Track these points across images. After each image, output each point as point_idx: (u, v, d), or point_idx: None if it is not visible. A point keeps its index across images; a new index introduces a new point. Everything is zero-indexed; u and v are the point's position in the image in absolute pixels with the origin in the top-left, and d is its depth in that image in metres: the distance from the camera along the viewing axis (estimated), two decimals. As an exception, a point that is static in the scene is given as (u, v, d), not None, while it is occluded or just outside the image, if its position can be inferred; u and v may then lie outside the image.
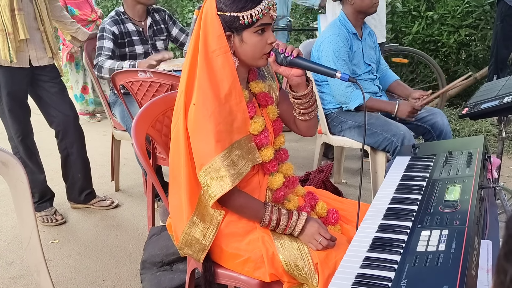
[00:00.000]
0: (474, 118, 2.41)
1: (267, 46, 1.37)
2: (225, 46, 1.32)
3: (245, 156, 1.35)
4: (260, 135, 1.41)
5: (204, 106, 1.30)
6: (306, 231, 1.35)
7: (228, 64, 1.33)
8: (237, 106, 1.34)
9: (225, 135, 1.31)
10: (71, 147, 2.90)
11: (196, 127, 1.32)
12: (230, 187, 1.29)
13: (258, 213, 1.36)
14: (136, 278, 2.27)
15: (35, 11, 2.66)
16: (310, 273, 1.31)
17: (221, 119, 1.30)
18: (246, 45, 1.35)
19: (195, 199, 1.39)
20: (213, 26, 1.32)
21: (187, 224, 1.39)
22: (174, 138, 1.42)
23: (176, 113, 1.40)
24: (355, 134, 2.56)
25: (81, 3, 4.41)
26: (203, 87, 1.31)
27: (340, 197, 1.70)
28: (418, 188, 1.40)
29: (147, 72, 2.41)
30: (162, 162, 2.58)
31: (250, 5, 1.30)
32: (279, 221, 1.35)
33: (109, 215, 2.98)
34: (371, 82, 2.61)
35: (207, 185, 1.31)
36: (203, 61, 1.32)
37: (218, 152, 1.29)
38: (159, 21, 2.95)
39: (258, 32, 1.34)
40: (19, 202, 1.24)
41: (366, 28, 2.67)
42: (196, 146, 1.33)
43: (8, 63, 2.59)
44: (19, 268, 2.42)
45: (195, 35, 1.34)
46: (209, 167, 1.30)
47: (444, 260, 0.99)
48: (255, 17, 1.30)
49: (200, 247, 1.41)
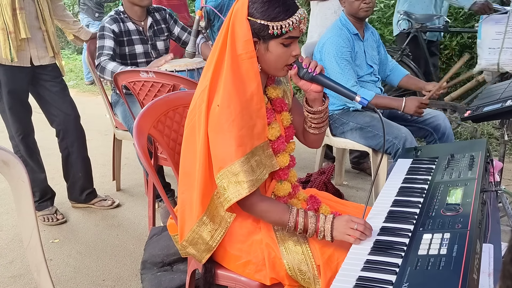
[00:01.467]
0: (476, 121, 2.41)
1: (291, 58, 1.36)
2: (251, 51, 1.31)
3: (264, 162, 1.34)
4: (277, 140, 1.41)
5: (229, 109, 1.28)
6: (336, 226, 1.28)
7: (253, 69, 1.32)
8: (258, 112, 1.33)
9: (247, 140, 1.30)
10: (72, 146, 2.90)
11: (218, 129, 1.29)
12: (246, 193, 1.27)
13: (283, 217, 1.32)
14: (136, 278, 2.27)
15: (37, 10, 2.66)
16: (313, 278, 1.31)
17: (243, 124, 1.29)
18: (271, 54, 1.34)
19: (207, 199, 1.37)
20: (241, 30, 1.31)
21: (196, 223, 1.38)
22: (189, 135, 1.40)
23: (194, 110, 1.38)
24: (356, 136, 2.56)
25: (177, 6, 4.06)
26: (229, 90, 1.29)
27: (341, 199, 1.70)
28: (420, 191, 1.40)
29: (149, 72, 2.41)
30: (164, 162, 2.58)
31: (282, 17, 1.29)
32: (307, 224, 1.30)
33: (110, 214, 2.97)
34: (373, 84, 2.61)
35: (223, 188, 1.30)
36: (230, 62, 1.30)
37: (238, 157, 1.27)
38: (159, 20, 2.95)
39: (285, 44, 1.33)
40: (19, 201, 1.24)
41: (368, 28, 2.66)
42: (216, 148, 1.31)
43: (9, 62, 2.59)
44: (19, 267, 2.42)
45: (223, 34, 1.33)
46: (228, 171, 1.28)
47: (446, 263, 0.99)
48: (285, 29, 1.29)
49: (206, 247, 1.40)
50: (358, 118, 2.55)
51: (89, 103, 5.67)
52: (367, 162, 3.35)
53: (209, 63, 1.36)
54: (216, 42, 1.35)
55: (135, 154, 3.20)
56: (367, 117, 2.51)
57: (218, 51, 1.32)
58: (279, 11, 1.29)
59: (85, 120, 3.00)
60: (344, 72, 2.44)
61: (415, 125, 2.55)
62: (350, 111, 2.58)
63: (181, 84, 2.36)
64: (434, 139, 2.54)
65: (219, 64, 1.32)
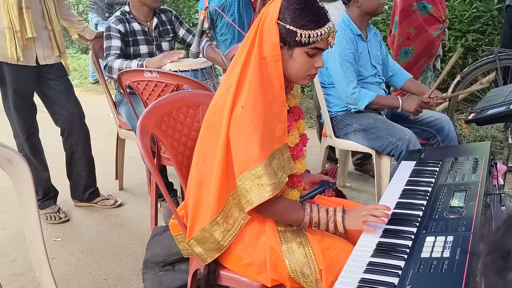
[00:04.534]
0: (480, 124, 2.40)
1: (313, 69, 1.36)
2: (277, 55, 1.31)
3: (283, 165, 1.34)
4: (295, 147, 1.42)
5: (254, 111, 1.28)
6: (348, 216, 1.31)
7: (277, 72, 1.32)
8: (279, 115, 1.33)
9: (269, 143, 1.30)
10: (76, 145, 2.90)
11: (241, 131, 1.29)
12: (269, 196, 1.27)
13: (299, 215, 1.34)
14: (138, 277, 2.27)
15: (43, 10, 2.67)
16: (316, 281, 1.30)
17: (265, 127, 1.29)
18: (294, 61, 1.34)
19: (223, 200, 1.37)
20: (269, 32, 1.30)
21: (208, 223, 1.38)
22: (207, 133, 1.40)
23: (214, 108, 1.38)
24: (360, 137, 2.55)
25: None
26: (254, 92, 1.29)
27: (345, 199, 1.69)
28: (423, 194, 1.40)
29: (153, 72, 2.41)
30: (167, 162, 2.58)
31: (312, 26, 1.29)
32: (320, 219, 1.33)
33: (112, 213, 2.98)
34: (378, 86, 2.60)
35: (246, 190, 1.29)
36: (256, 64, 1.30)
37: (261, 160, 1.27)
38: (165, 21, 2.95)
39: (309, 53, 1.33)
40: (23, 200, 1.24)
41: (371, 29, 2.66)
42: (238, 150, 1.30)
43: (15, 61, 2.60)
44: (22, 265, 2.42)
45: (252, 35, 1.33)
46: (251, 173, 1.27)
47: (449, 266, 0.98)
48: (313, 38, 1.29)
49: (216, 247, 1.40)
50: (362, 119, 2.54)
51: (92, 102, 5.67)
52: (370, 164, 3.34)
53: (235, 62, 1.36)
54: (245, 41, 1.35)
55: (138, 153, 3.21)
56: (370, 119, 2.50)
57: (246, 51, 1.32)
58: (309, 20, 1.29)
59: (89, 119, 3.01)
60: (346, 74, 2.44)
61: (418, 127, 2.54)
62: (354, 113, 2.58)
63: (184, 84, 2.36)
64: (438, 142, 2.53)
65: (246, 65, 1.32)
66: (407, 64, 3.22)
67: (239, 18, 3.52)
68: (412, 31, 3.16)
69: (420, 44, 3.21)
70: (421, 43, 3.20)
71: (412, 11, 3.14)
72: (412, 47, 3.20)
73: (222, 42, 3.65)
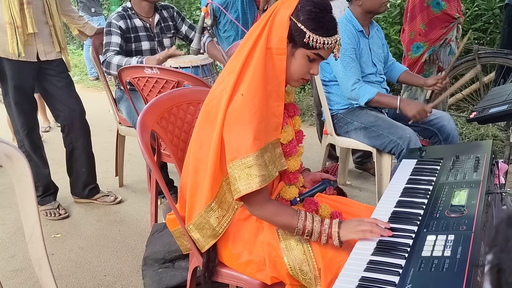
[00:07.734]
0: (482, 123, 2.39)
1: (308, 74, 1.37)
2: (283, 49, 1.31)
3: (274, 160, 1.33)
4: (289, 144, 1.41)
5: (253, 101, 1.28)
6: (345, 227, 1.27)
7: (280, 66, 1.32)
8: (275, 108, 1.33)
9: (263, 135, 1.29)
10: (77, 142, 2.90)
11: (238, 118, 1.28)
12: (257, 187, 1.27)
13: (292, 221, 1.31)
14: (137, 274, 2.27)
15: (44, 5, 2.66)
16: (315, 279, 1.30)
17: (262, 118, 1.29)
18: (294, 60, 1.34)
19: (217, 185, 1.37)
20: (280, 25, 1.30)
21: (204, 208, 1.38)
22: (204, 119, 1.39)
23: (214, 93, 1.38)
24: (361, 135, 2.54)
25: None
26: (256, 82, 1.29)
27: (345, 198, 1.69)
28: (424, 192, 1.39)
29: (153, 69, 2.41)
30: (167, 159, 2.57)
31: (321, 32, 1.29)
32: (313, 228, 1.30)
33: (112, 210, 2.98)
34: (379, 85, 2.59)
35: (235, 178, 1.29)
36: (263, 53, 1.30)
37: (253, 150, 1.26)
38: (167, 18, 2.94)
39: (310, 57, 1.33)
40: (22, 196, 1.24)
41: (374, 26, 2.65)
42: (232, 137, 1.29)
43: (15, 57, 2.60)
44: (21, 261, 2.42)
45: (262, 24, 1.32)
46: (241, 162, 1.27)
47: (450, 265, 0.98)
48: (319, 45, 1.30)
49: (212, 233, 1.40)
50: (363, 117, 2.53)
51: (93, 98, 5.67)
52: (371, 162, 3.34)
53: (240, 49, 1.35)
54: (253, 30, 1.34)
55: (139, 150, 3.20)
56: (371, 117, 2.50)
57: (254, 40, 1.31)
58: (322, 26, 1.29)
59: (89, 115, 3.00)
60: (346, 70, 2.43)
61: (420, 125, 2.53)
62: (355, 110, 2.57)
63: (185, 80, 2.36)
64: (439, 140, 2.52)
65: (252, 52, 1.31)
66: (417, 59, 3.22)
67: (243, 15, 3.50)
68: (423, 28, 3.15)
69: (431, 40, 3.21)
70: (432, 40, 3.20)
71: (425, 7, 3.13)
72: (424, 42, 3.20)
73: (225, 39, 3.63)
